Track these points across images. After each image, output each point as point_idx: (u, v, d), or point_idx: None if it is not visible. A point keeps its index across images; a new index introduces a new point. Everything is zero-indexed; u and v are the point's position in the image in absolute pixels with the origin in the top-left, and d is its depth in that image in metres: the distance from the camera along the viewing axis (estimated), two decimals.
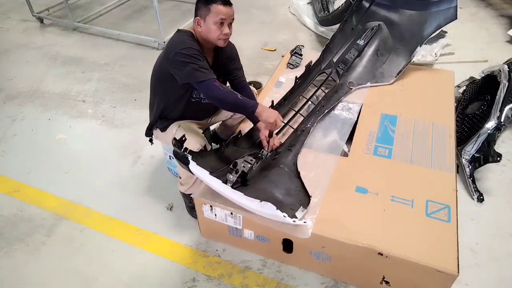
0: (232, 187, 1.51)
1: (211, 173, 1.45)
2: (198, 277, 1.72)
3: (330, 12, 3.45)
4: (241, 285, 1.68)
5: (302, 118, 2.05)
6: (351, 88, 2.26)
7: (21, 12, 4.35)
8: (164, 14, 4.07)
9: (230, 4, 1.61)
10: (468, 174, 2.11)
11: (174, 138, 1.52)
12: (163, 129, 1.84)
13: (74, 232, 1.94)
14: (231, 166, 1.60)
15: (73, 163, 2.37)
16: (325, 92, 2.20)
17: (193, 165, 1.43)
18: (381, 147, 1.87)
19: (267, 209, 1.39)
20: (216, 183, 1.45)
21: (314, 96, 2.17)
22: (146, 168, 2.32)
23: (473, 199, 2.05)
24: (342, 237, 1.47)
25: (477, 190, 2.06)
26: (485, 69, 2.60)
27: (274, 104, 2.05)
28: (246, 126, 2.04)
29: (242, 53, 1.96)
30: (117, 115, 2.77)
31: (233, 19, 1.63)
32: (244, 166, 1.59)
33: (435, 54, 3.13)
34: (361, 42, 2.39)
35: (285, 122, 1.95)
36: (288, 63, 2.56)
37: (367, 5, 2.49)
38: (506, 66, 2.37)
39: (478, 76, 2.64)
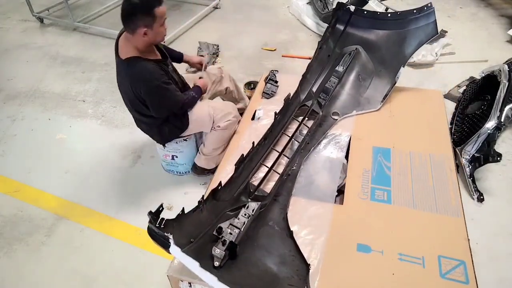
0: (220, 265, 1.28)
1: (192, 243, 1.27)
2: None
3: (330, 10, 3.45)
4: None
5: (286, 160, 1.82)
6: (336, 119, 2.05)
7: (21, 12, 4.35)
8: None
9: (162, 1, 1.71)
10: (468, 174, 2.11)
11: (150, 211, 1.28)
12: (184, 125, 1.96)
13: (74, 232, 1.95)
14: (214, 232, 1.37)
15: (73, 163, 2.37)
16: (308, 127, 2.00)
17: (176, 251, 1.16)
18: (378, 189, 1.68)
19: None
20: (206, 277, 1.17)
21: (297, 132, 1.96)
22: (146, 168, 2.32)
23: (473, 199, 2.05)
24: None
25: (477, 190, 2.07)
26: (485, 69, 2.60)
27: (255, 145, 1.80)
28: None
29: (242, 53, 1.97)
30: (117, 115, 2.77)
31: None
32: (231, 233, 1.36)
33: (436, 53, 3.13)
34: (340, 68, 2.20)
35: (269, 166, 1.75)
36: (263, 92, 2.25)
37: (341, 28, 2.33)
38: (506, 66, 2.37)
39: (478, 76, 2.65)
